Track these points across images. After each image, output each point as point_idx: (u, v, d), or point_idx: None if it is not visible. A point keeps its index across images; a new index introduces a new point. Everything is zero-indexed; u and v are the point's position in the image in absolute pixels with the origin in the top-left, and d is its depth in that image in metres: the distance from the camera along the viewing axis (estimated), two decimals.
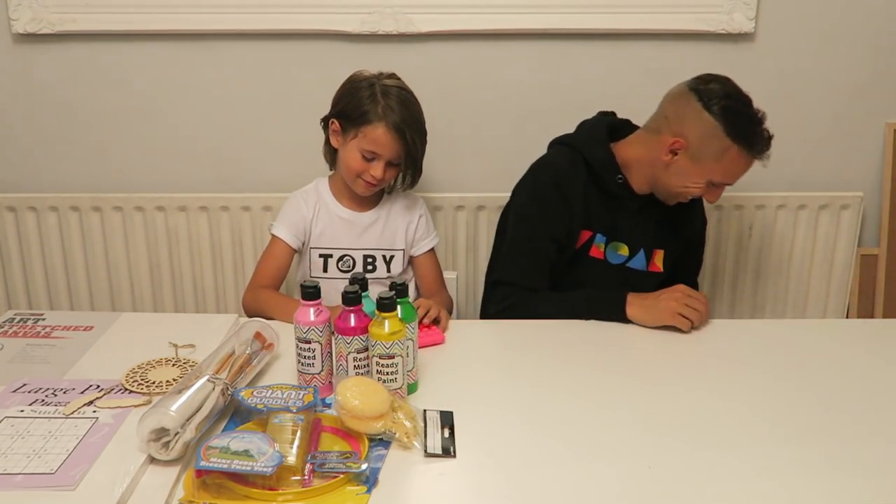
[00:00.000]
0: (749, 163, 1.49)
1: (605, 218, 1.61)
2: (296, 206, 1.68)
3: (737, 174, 1.51)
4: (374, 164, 1.58)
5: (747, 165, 1.50)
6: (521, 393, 1.26)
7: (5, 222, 2.08)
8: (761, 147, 1.47)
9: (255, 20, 1.94)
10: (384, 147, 1.57)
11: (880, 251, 2.12)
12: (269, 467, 0.97)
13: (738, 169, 1.50)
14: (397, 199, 1.73)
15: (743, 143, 1.46)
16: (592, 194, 1.60)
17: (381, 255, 1.70)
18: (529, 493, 1.01)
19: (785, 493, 1.02)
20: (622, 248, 1.63)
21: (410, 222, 1.72)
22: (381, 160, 1.58)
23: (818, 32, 1.98)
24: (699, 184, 1.52)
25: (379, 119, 1.56)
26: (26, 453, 1.05)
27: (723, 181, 1.52)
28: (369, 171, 1.59)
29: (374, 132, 1.56)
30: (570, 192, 1.59)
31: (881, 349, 1.41)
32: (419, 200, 1.76)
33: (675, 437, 1.13)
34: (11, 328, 1.44)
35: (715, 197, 1.56)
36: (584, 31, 1.91)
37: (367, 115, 1.57)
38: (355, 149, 1.59)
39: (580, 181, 1.59)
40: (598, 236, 1.62)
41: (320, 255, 1.68)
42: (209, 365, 1.17)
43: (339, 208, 1.69)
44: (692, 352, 1.39)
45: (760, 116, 1.49)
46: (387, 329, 1.16)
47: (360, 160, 1.59)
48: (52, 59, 2.00)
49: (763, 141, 1.48)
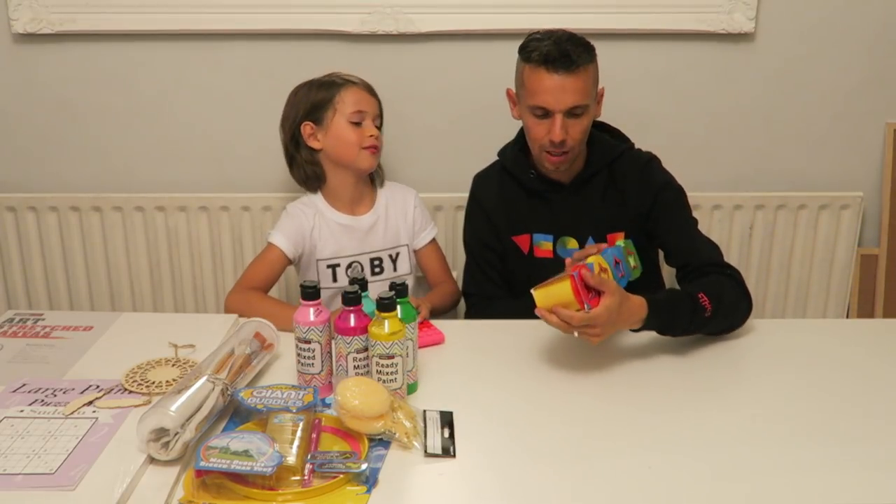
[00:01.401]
0: (540, 75, 1.45)
1: (541, 217, 1.61)
2: (295, 217, 1.67)
3: (537, 91, 1.46)
4: (366, 125, 1.63)
5: (541, 79, 1.45)
6: (520, 393, 1.26)
7: (5, 222, 2.08)
8: (538, 55, 1.45)
9: (255, 20, 1.94)
10: (365, 102, 1.64)
11: (880, 251, 2.12)
12: (269, 467, 0.97)
13: (535, 84, 1.46)
14: (390, 194, 1.74)
15: (524, 56, 1.49)
16: (517, 198, 1.60)
17: (388, 254, 1.71)
18: (529, 493, 1.01)
19: (784, 492, 1.01)
20: (570, 242, 1.61)
21: (407, 213, 1.74)
22: (368, 117, 1.63)
23: (818, 32, 1.98)
24: (529, 122, 1.51)
25: (344, 86, 1.64)
26: (26, 453, 1.05)
27: (533, 103, 1.47)
28: (364, 132, 1.62)
29: (349, 94, 1.63)
30: (485, 202, 1.65)
31: (881, 349, 1.41)
32: (411, 191, 1.78)
33: (675, 437, 1.13)
34: (11, 328, 1.44)
35: (553, 131, 1.46)
36: (585, 31, 1.90)
37: (332, 91, 1.64)
38: (341, 122, 1.62)
39: (493, 189, 1.65)
40: (537, 236, 1.61)
41: (328, 266, 1.67)
42: (209, 365, 1.17)
43: (337, 216, 1.68)
44: (692, 352, 1.39)
45: (554, 36, 1.46)
46: (387, 329, 1.16)
47: (352, 128, 1.62)
48: (52, 59, 2.00)
49: (541, 49, 1.45)
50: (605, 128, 1.65)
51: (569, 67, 1.44)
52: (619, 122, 1.67)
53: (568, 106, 1.46)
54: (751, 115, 2.04)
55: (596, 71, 1.51)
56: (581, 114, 1.48)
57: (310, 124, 1.64)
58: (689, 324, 1.35)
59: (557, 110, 1.46)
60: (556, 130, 1.46)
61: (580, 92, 1.46)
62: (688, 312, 1.35)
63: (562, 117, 1.46)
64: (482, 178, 1.70)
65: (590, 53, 1.48)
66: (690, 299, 1.36)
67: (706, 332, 1.41)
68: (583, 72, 1.45)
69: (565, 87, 1.45)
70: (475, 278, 1.68)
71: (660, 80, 2.02)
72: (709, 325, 1.38)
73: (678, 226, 1.57)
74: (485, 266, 1.66)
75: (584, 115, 1.49)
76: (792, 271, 2.11)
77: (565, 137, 1.47)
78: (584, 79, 1.46)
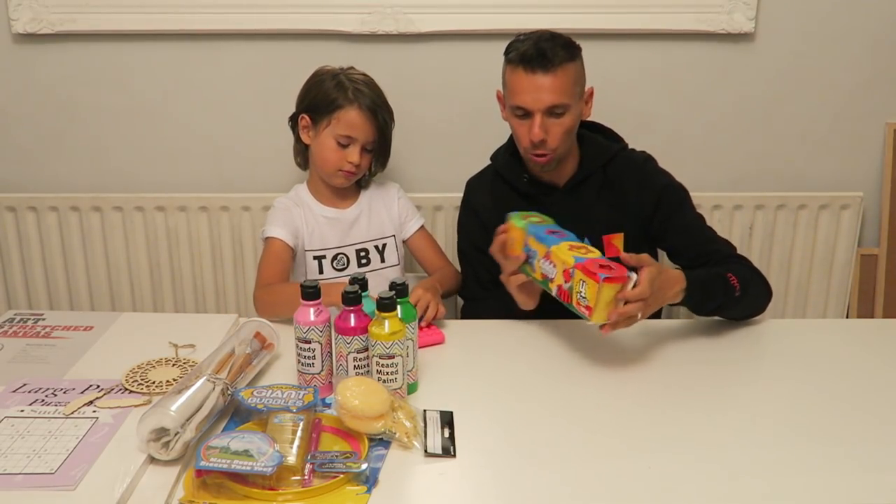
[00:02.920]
0: (519, 74, 1.46)
1: None
2: (285, 210, 1.69)
3: (516, 91, 1.47)
4: (350, 150, 1.61)
5: (519, 79, 1.46)
6: (520, 393, 1.26)
7: (5, 222, 2.08)
8: (515, 55, 1.46)
9: (255, 20, 1.94)
10: (359, 129, 1.60)
11: (880, 251, 2.12)
12: (269, 467, 0.97)
13: (514, 84, 1.47)
14: (373, 189, 1.76)
15: (506, 57, 1.49)
16: (511, 201, 1.59)
17: (373, 245, 1.71)
18: (529, 493, 1.01)
19: (784, 492, 1.02)
20: None
21: (391, 206, 1.75)
22: (356, 144, 1.61)
23: (818, 32, 1.98)
24: (513, 122, 1.51)
25: (350, 102, 1.60)
26: (26, 453, 1.05)
27: (513, 103, 1.48)
28: (346, 157, 1.61)
29: (346, 115, 1.59)
30: (476, 204, 1.66)
31: (881, 349, 1.41)
32: (394, 185, 1.80)
33: (676, 437, 1.13)
34: (11, 328, 1.44)
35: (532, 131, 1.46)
36: (585, 31, 1.91)
37: (337, 101, 1.60)
38: (329, 137, 1.61)
39: (486, 193, 1.65)
40: None
41: (314, 258, 1.69)
42: (209, 365, 1.17)
43: (321, 209, 1.70)
44: (692, 352, 1.39)
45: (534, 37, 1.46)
46: (387, 329, 1.16)
47: (336, 148, 1.61)
48: (52, 59, 2.00)
49: (520, 49, 1.45)
50: (599, 128, 1.65)
51: (546, 67, 1.43)
52: (618, 122, 1.67)
53: (546, 105, 1.45)
54: (751, 115, 2.04)
55: (578, 70, 1.49)
56: (562, 113, 1.47)
57: (307, 118, 1.65)
58: (722, 300, 1.40)
59: (536, 110, 1.45)
60: (535, 130, 1.46)
61: (558, 91, 1.45)
62: (721, 289, 1.40)
63: (541, 117, 1.46)
64: (475, 183, 1.70)
65: (570, 52, 1.47)
66: (721, 278, 1.41)
67: (733, 315, 1.45)
68: (561, 71, 1.44)
69: (543, 87, 1.44)
70: (467, 282, 1.69)
71: (659, 80, 2.02)
72: (738, 306, 1.43)
73: (689, 225, 1.57)
74: (474, 264, 1.66)
75: (566, 115, 1.47)
76: (792, 271, 2.11)
77: (545, 137, 1.47)
78: (562, 78, 1.45)
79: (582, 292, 1.25)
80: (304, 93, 1.68)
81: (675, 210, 1.57)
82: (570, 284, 1.27)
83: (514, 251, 1.40)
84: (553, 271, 1.31)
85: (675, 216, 1.57)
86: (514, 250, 1.40)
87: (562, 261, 1.29)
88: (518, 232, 1.40)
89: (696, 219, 1.58)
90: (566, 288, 1.28)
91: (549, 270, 1.32)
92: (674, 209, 1.57)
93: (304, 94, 1.68)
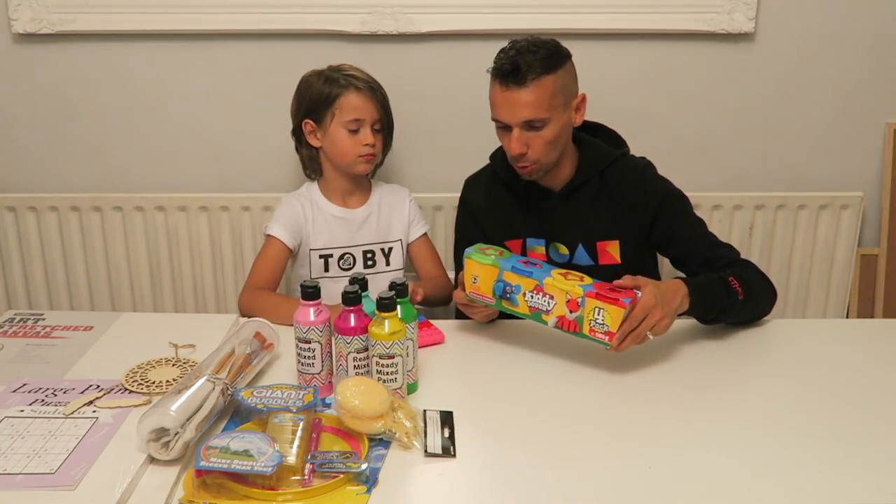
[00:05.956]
0: (495, 88, 1.44)
1: (532, 222, 1.59)
2: (291, 207, 1.70)
3: (493, 104, 1.46)
4: (362, 133, 1.64)
5: (496, 92, 1.44)
6: (520, 393, 1.26)
7: (5, 222, 2.08)
8: (492, 69, 1.44)
9: (254, 20, 1.94)
10: (363, 109, 1.63)
11: (880, 251, 2.12)
12: (269, 467, 0.97)
13: (492, 98, 1.46)
14: (384, 191, 1.77)
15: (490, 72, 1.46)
16: (508, 202, 1.59)
17: (380, 248, 1.72)
18: (529, 493, 1.01)
19: (784, 492, 1.02)
20: (562, 248, 1.59)
21: (402, 210, 1.76)
22: (365, 126, 1.64)
23: (818, 32, 1.98)
24: (498, 133, 1.50)
25: (346, 88, 1.63)
26: (26, 453, 1.05)
27: (493, 116, 1.47)
28: (360, 141, 1.63)
29: (347, 101, 1.63)
30: (473, 206, 1.65)
31: (881, 349, 1.41)
32: (405, 189, 1.81)
33: (676, 436, 1.13)
34: (11, 328, 1.44)
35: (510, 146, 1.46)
36: (584, 31, 1.91)
37: (333, 92, 1.63)
38: (338, 128, 1.63)
39: (482, 193, 1.65)
40: (530, 241, 1.60)
41: (320, 257, 1.69)
42: (209, 365, 1.17)
43: (332, 208, 1.70)
44: (692, 352, 1.39)
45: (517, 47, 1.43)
46: (387, 329, 1.16)
47: (348, 136, 1.63)
48: (52, 59, 2.00)
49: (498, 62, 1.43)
50: (602, 130, 1.63)
51: (520, 82, 1.41)
52: (618, 122, 1.66)
53: (521, 120, 1.43)
54: (751, 115, 2.04)
55: (559, 82, 1.44)
56: (541, 126, 1.44)
57: (310, 122, 1.66)
58: (726, 305, 1.39)
59: (513, 124, 1.44)
60: (512, 144, 1.45)
61: (532, 106, 1.41)
62: (723, 293, 1.39)
63: (519, 131, 1.44)
64: (471, 183, 1.70)
65: (549, 64, 1.42)
66: (722, 282, 1.41)
67: (737, 319, 1.45)
68: (535, 86, 1.41)
69: (517, 101, 1.42)
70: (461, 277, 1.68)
71: (659, 80, 2.02)
72: (743, 310, 1.43)
73: (691, 232, 1.56)
74: None
75: (546, 128, 1.44)
76: (792, 271, 2.11)
77: (525, 150, 1.45)
78: (537, 92, 1.41)
79: (598, 319, 1.26)
80: (298, 100, 1.70)
81: (676, 217, 1.56)
82: (579, 314, 1.27)
83: (468, 287, 1.39)
84: (551, 303, 1.30)
85: (677, 224, 1.55)
86: (468, 286, 1.39)
87: (563, 291, 1.28)
88: (482, 268, 1.36)
89: (698, 225, 1.57)
90: (572, 318, 1.28)
91: (545, 303, 1.31)
92: (675, 217, 1.56)
93: (298, 102, 1.70)
